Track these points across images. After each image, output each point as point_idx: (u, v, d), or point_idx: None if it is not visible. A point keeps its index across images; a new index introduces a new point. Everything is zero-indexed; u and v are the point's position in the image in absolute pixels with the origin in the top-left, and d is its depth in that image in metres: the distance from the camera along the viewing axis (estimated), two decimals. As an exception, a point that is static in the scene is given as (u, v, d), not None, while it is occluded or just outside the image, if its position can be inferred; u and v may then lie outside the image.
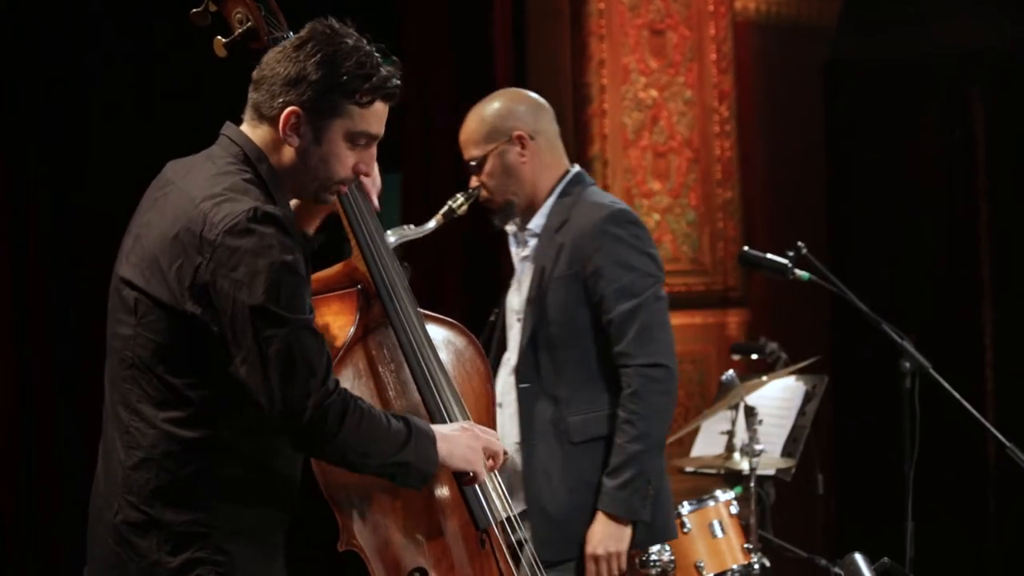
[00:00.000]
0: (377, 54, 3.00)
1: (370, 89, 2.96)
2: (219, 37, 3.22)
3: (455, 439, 3.09)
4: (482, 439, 3.14)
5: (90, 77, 6.41)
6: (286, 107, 2.94)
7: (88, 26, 6.32)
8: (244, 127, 3.02)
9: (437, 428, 3.07)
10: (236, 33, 3.20)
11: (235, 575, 2.92)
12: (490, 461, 3.17)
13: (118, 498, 2.95)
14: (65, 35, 6.28)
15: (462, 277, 6.71)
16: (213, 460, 2.91)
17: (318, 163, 2.98)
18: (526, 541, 3.43)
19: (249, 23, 3.18)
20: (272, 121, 2.97)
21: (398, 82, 3.01)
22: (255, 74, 3.01)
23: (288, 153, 2.98)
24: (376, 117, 3.01)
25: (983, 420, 4.56)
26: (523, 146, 4.23)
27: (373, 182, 3.21)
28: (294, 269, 2.83)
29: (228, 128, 3.04)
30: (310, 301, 2.90)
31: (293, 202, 3.08)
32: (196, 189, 2.91)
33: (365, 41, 3.01)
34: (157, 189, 3.02)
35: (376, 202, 3.25)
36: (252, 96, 3.01)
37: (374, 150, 3.06)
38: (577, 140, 7.02)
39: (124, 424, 2.94)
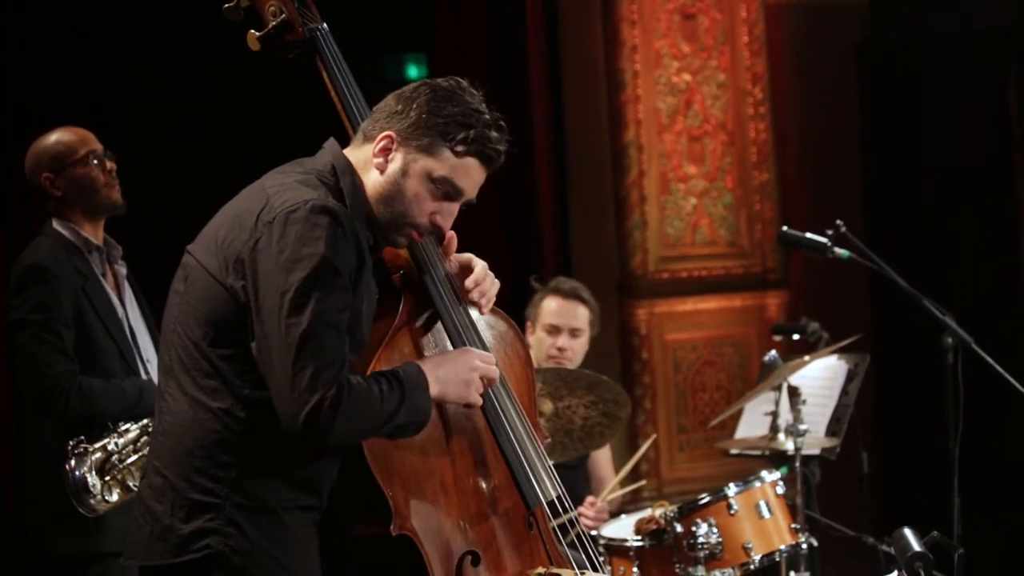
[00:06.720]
0: (489, 118, 3.04)
1: (466, 139, 3.01)
2: (252, 31, 3.24)
3: (448, 379, 3.05)
4: (479, 368, 3.11)
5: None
6: (384, 130, 3.02)
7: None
8: (348, 148, 3.10)
9: (431, 364, 3.05)
10: (270, 26, 3.22)
11: (249, 550, 2.92)
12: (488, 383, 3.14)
13: (149, 463, 3.02)
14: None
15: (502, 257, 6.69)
16: (237, 432, 2.93)
17: (397, 194, 3.03)
18: (577, 521, 3.43)
19: (283, 15, 3.21)
20: (370, 141, 3.05)
21: (500, 148, 3.05)
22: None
23: (373, 176, 3.04)
24: (467, 173, 3.04)
25: (1025, 392, 4.55)
26: None
27: (450, 240, 3.20)
28: (334, 267, 2.86)
29: (329, 142, 3.12)
30: (345, 302, 2.90)
31: None
32: (270, 180, 3.01)
33: (486, 106, 3.06)
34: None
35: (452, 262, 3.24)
36: (363, 123, 3.10)
37: (455, 208, 3.08)
38: (611, 126, 7.03)
39: (161, 390, 3.02)
